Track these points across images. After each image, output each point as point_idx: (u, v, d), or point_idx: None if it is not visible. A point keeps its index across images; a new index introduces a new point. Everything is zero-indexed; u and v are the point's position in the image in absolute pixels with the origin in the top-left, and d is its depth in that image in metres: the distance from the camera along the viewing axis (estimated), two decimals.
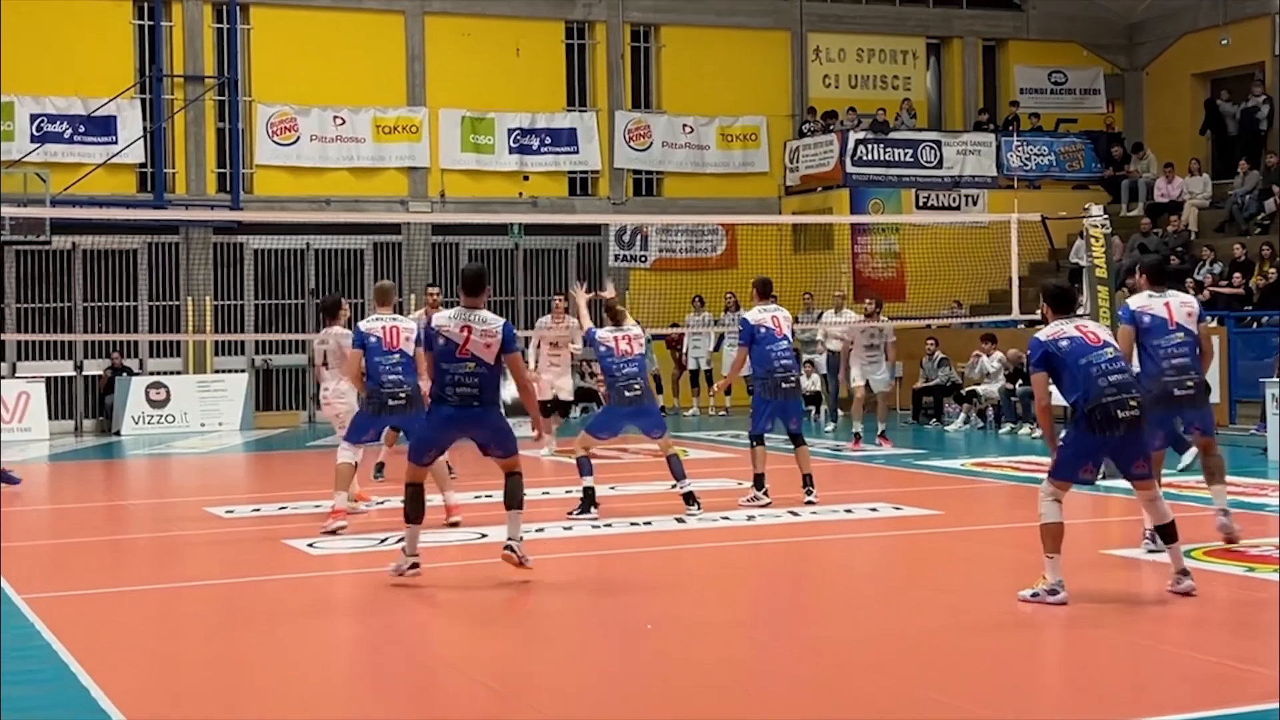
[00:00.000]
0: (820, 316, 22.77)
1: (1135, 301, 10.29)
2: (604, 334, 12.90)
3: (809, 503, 12.84)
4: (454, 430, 9.58)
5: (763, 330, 13.07)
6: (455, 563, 10.45)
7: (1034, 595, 8.47)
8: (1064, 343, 8.55)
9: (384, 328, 11.73)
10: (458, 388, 9.33)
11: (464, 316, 9.41)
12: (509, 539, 9.46)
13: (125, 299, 24.25)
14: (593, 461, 12.61)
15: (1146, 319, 10.11)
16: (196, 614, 9.08)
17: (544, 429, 14.08)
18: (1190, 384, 10.10)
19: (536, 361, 18.32)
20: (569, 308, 17.63)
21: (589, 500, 12.38)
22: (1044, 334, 8.67)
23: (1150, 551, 9.86)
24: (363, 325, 11.86)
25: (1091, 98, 29.48)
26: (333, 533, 11.52)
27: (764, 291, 13.40)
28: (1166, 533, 8.75)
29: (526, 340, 18.16)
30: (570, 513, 12.37)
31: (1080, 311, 9.97)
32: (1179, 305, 10.23)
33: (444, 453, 10.14)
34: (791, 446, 13.29)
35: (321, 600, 9.52)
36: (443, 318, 9.48)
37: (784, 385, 13.08)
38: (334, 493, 11.94)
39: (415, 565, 9.49)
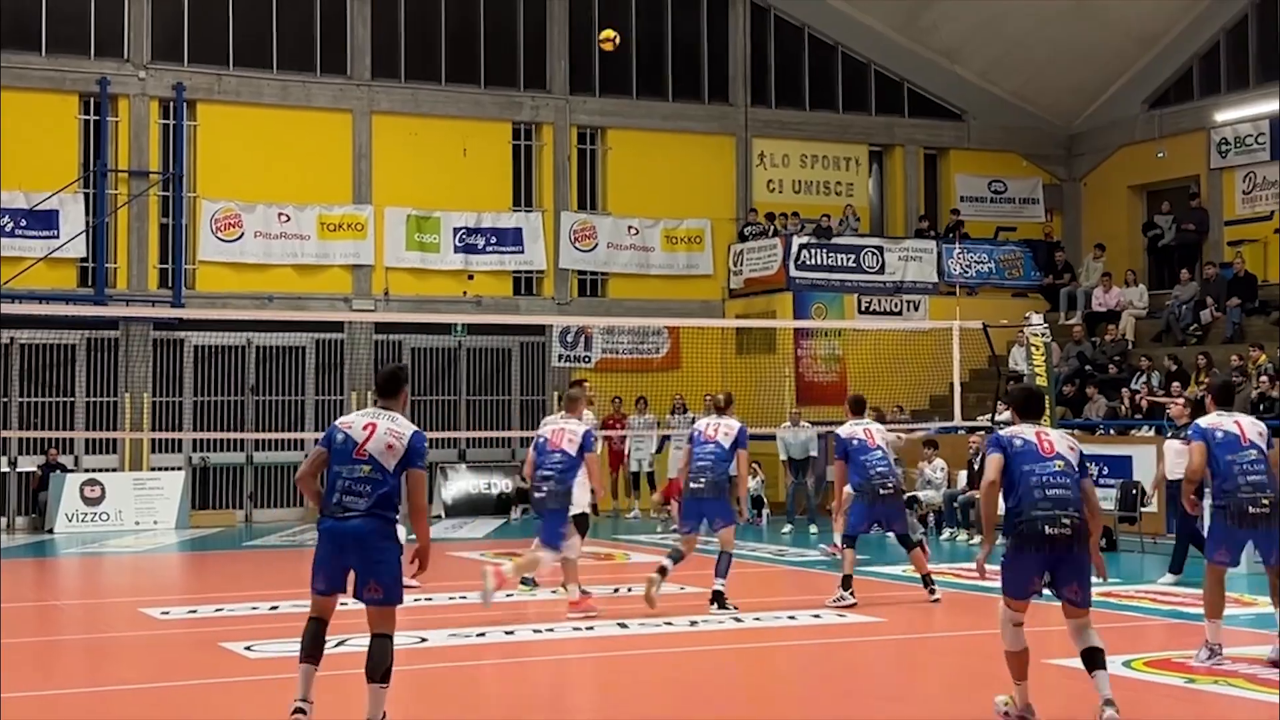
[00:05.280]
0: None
1: (1206, 420, 10.19)
2: (702, 424, 13.49)
3: (935, 601, 13.50)
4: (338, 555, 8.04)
5: (855, 442, 13.80)
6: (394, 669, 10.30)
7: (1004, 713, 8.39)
8: (1018, 442, 8.33)
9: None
10: (345, 495, 7.98)
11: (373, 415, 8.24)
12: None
13: (62, 394, 23.99)
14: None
15: (1219, 434, 10.00)
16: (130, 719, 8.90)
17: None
18: (1265, 502, 9.92)
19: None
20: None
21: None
22: (1006, 430, 8.55)
23: (1206, 666, 9.86)
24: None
25: (1031, 207, 29.94)
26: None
27: (856, 409, 14.28)
28: (1093, 658, 8.19)
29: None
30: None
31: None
32: (1249, 424, 10.19)
33: (342, 587, 8.13)
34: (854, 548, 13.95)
35: (260, 707, 9.35)
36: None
37: (881, 492, 13.73)
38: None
39: (300, 710, 7.95)
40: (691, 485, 13.08)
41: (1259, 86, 26.28)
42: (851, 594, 13.39)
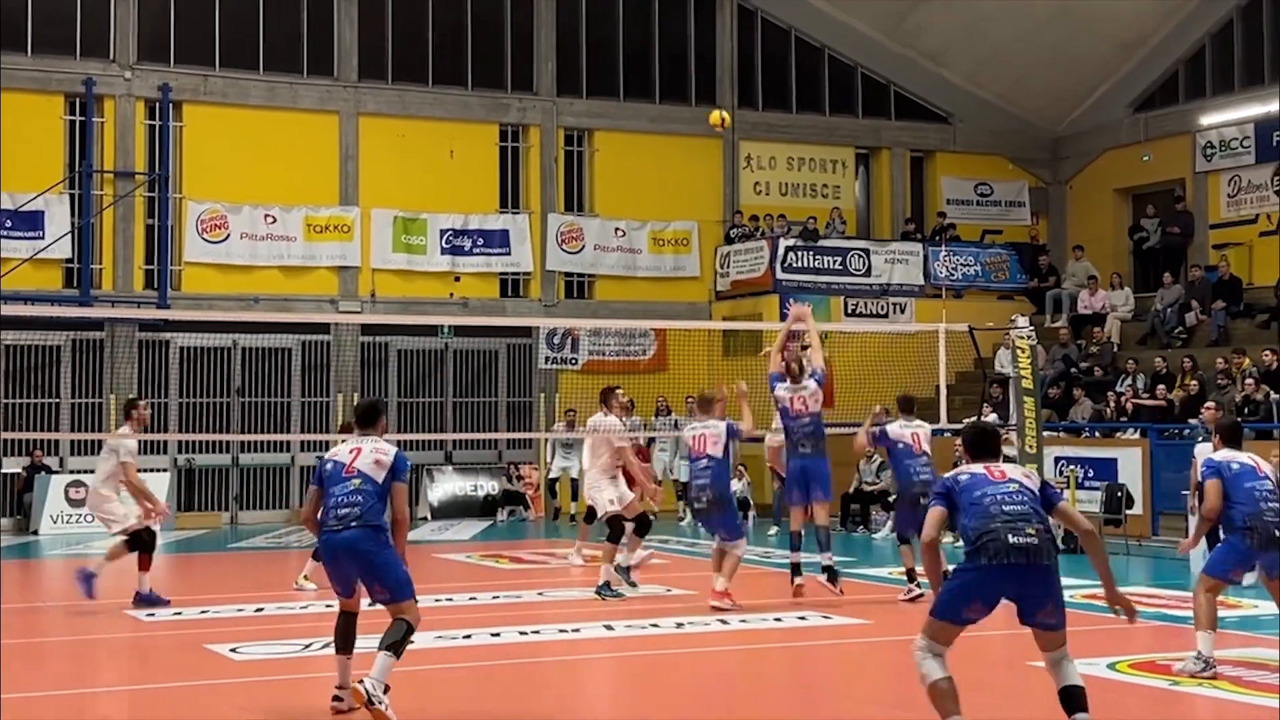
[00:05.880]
0: None
1: (1219, 455, 10.26)
2: (782, 391, 14.12)
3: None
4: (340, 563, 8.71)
5: (901, 445, 14.28)
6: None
7: None
8: (964, 476, 7.52)
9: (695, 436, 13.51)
10: (339, 509, 8.63)
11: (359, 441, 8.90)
12: (369, 675, 8.27)
13: (47, 396, 23.93)
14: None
15: (1235, 465, 10.09)
16: None
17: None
18: None
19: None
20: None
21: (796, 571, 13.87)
22: (951, 471, 7.84)
23: (1193, 675, 9.71)
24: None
25: (1016, 210, 29.99)
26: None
27: (905, 408, 14.67)
28: (1076, 700, 7.31)
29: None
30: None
31: (1009, 454, 9.84)
32: (1261, 461, 10.28)
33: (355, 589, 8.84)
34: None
35: (245, 709, 9.33)
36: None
37: (922, 501, 13.78)
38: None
39: (338, 698, 8.67)
40: (800, 449, 14.16)
41: (1244, 90, 26.37)
42: (917, 584, 13.90)
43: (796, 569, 13.97)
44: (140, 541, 13.65)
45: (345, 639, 8.82)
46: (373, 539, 8.53)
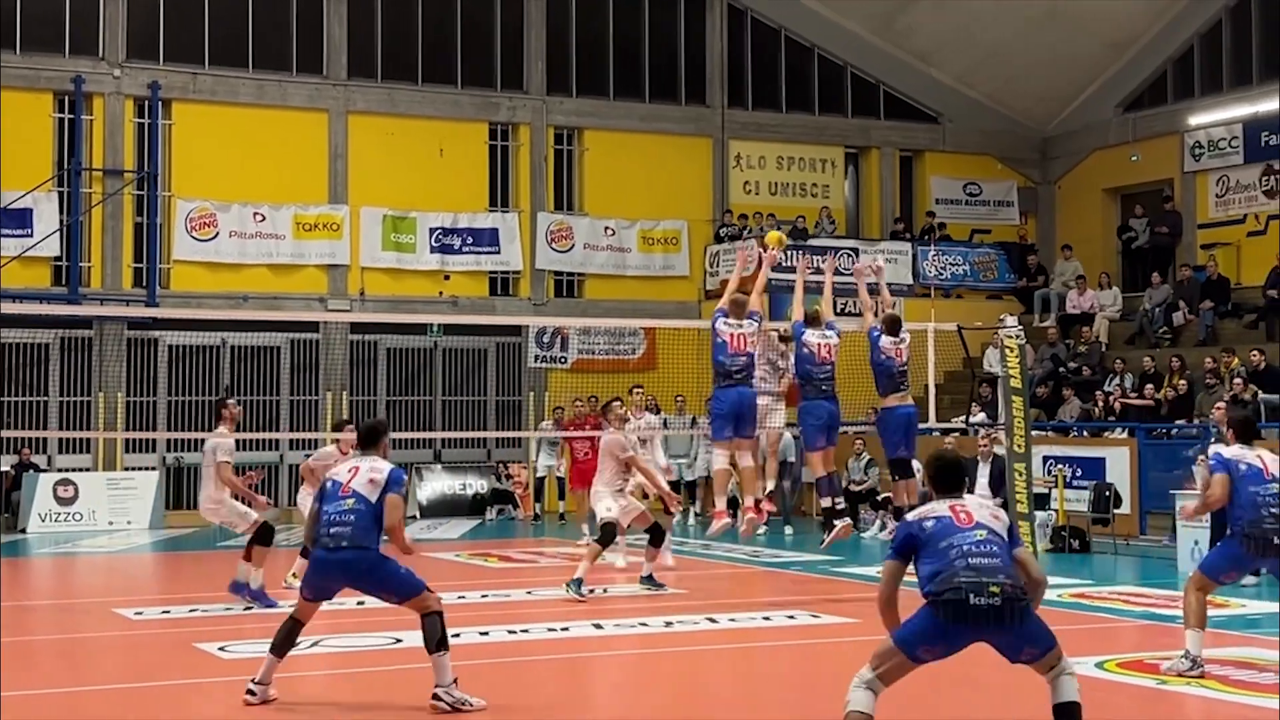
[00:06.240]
0: None
1: (1229, 452, 10.05)
2: (811, 337, 14.99)
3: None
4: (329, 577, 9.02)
5: (885, 357, 15.67)
6: (369, 669, 10.29)
7: None
8: (929, 523, 7.16)
9: None
10: (333, 526, 8.91)
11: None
12: (436, 685, 8.74)
13: (35, 394, 23.89)
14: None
15: (1243, 466, 9.88)
16: None
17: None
18: None
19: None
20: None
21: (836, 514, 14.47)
22: (914, 514, 7.38)
23: (1181, 674, 9.64)
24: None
25: (1005, 209, 30.04)
26: None
27: (892, 330, 15.82)
28: (1069, 713, 7.00)
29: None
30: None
31: (998, 452, 9.86)
32: (1272, 459, 10.01)
33: (328, 598, 9.27)
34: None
35: (234, 708, 9.32)
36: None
37: (899, 380, 15.48)
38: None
39: (251, 692, 8.83)
40: (823, 387, 15.17)
41: (1232, 90, 26.44)
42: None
43: (837, 513, 14.55)
44: (262, 535, 13.63)
45: (284, 644, 9.02)
46: (370, 559, 8.85)
